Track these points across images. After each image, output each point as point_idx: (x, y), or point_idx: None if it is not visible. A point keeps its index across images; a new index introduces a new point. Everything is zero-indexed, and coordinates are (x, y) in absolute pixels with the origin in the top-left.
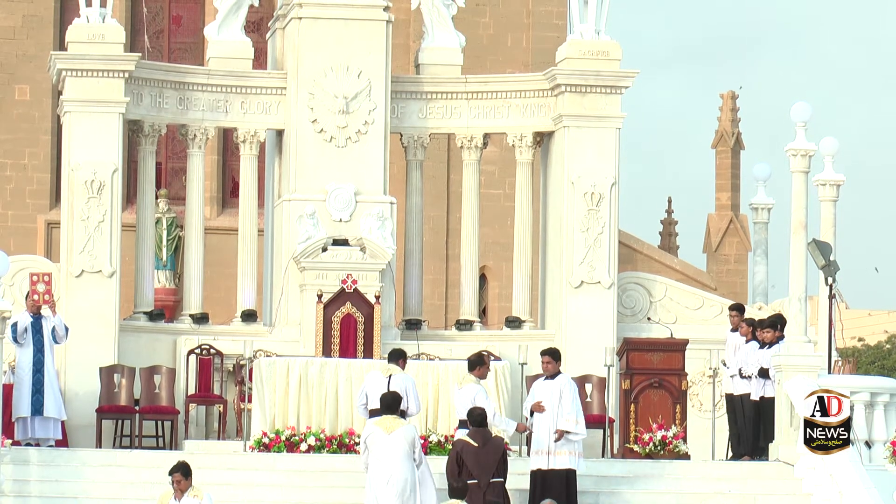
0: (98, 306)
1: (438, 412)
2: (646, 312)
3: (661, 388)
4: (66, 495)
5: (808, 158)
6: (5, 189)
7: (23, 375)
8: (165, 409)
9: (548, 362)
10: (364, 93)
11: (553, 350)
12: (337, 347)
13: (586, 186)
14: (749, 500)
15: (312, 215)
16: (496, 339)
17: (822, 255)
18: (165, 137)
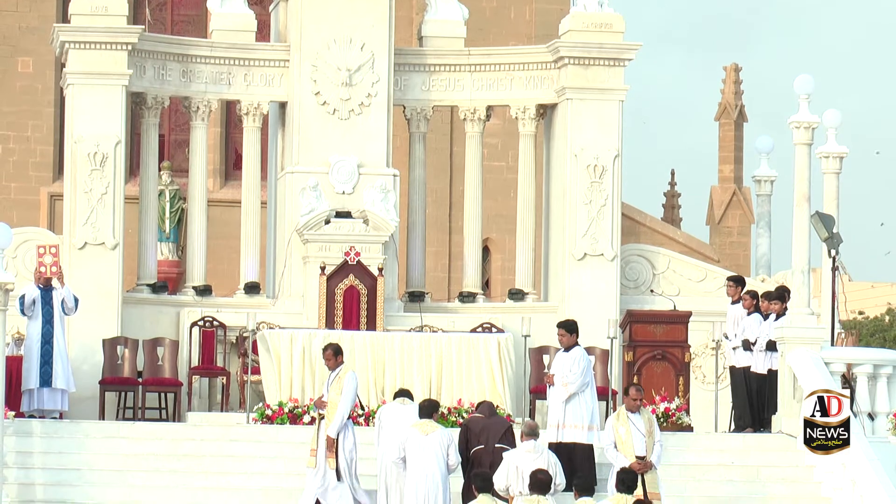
0: (101, 279)
1: (442, 384)
2: (649, 285)
3: (664, 361)
4: (69, 467)
5: (811, 131)
6: (8, 161)
7: (32, 347)
8: (168, 381)
9: (562, 335)
10: (367, 65)
11: (567, 322)
12: (340, 320)
13: (589, 159)
14: (752, 472)
15: (315, 188)
16: (499, 311)
17: (825, 227)
18: (168, 110)
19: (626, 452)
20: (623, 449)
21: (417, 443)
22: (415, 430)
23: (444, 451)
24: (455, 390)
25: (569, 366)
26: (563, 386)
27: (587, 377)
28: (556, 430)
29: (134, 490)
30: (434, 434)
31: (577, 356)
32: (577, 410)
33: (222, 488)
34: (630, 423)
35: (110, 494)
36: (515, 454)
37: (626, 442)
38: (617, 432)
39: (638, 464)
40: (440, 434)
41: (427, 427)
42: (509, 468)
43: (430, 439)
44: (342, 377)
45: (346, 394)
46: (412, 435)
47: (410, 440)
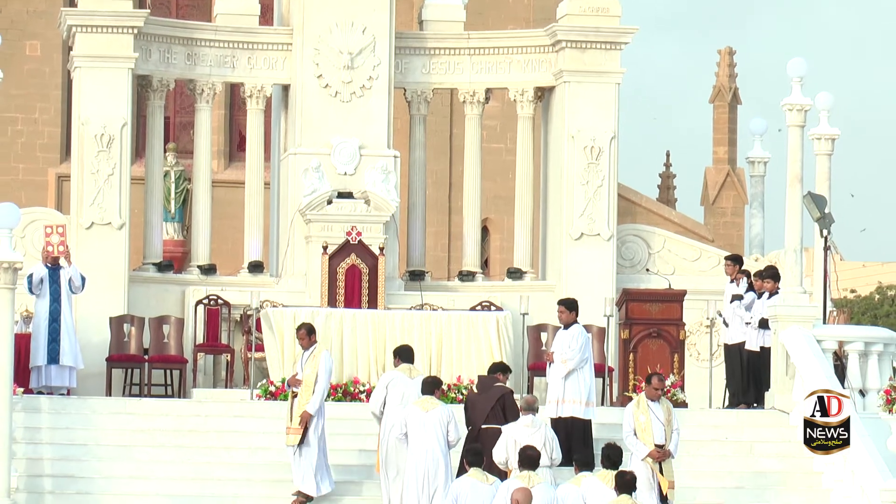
0: (108, 258)
1: (442, 361)
2: (644, 264)
3: (660, 338)
4: (77, 442)
5: (803, 113)
6: (16, 143)
7: (40, 325)
8: (174, 358)
9: (561, 312)
10: (368, 49)
11: (567, 300)
12: (342, 298)
13: (586, 140)
14: (745, 448)
15: (318, 169)
16: (497, 289)
17: (817, 207)
18: (174, 92)
19: (645, 440)
20: (643, 437)
21: (418, 419)
22: (416, 408)
23: (445, 427)
24: (455, 367)
25: (568, 342)
26: (562, 362)
27: (585, 353)
28: (556, 406)
29: (140, 464)
30: (434, 411)
31: (575, 333)
32: (575, 386)
33: (226, 463)
34: (650, 412)
35: (117, 469)
36: (514, 428)
37: (646, 430)
38: (637, 420)
39: (657, 452)
40: (440, 411)
41: (428, 404)
42: (508, 442)
43: (430, 416)
44: (317, 356)
45: (323, 371)
46: (413, 412)
47: (411, 417)
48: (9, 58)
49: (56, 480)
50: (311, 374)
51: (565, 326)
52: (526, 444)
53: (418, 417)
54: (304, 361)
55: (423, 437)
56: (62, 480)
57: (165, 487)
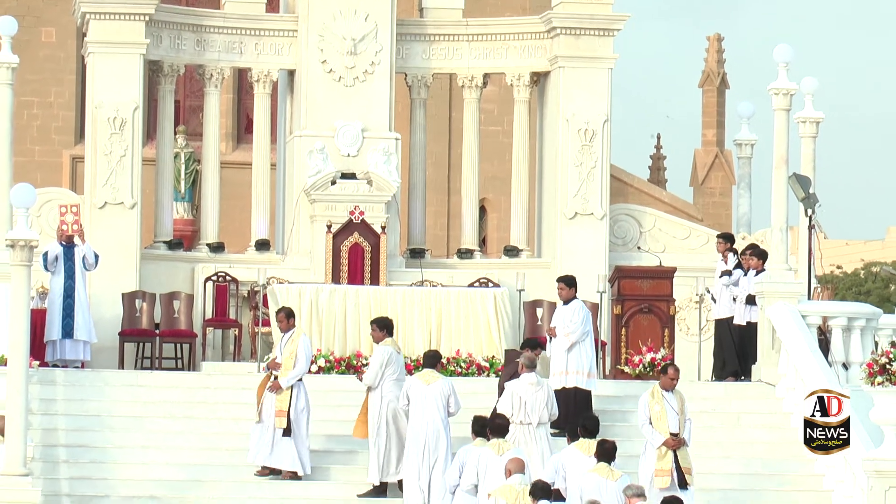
0: (120, 236)
1: (441, 335)
2: (636, 242)
3: (651, 314)
4: (90, 413)
5: (789, 97)
6: (32, 126)
7: (55, 300)
8: (184, 332)
9: (561, 289)
10: (371, 35)
11: (566, 277)
12: (345, 275)
13: (580, 123)
14: (733, 419)
15: (322, 150)
16: (495, 266)
17: (802, 188)
18: (183, 77)
19: (660, 429)
20: (658, 426)
21: (419, 392)
22: (417, 380)
23: (445, 399)
24: (454, 341)
25: (569, 317)
26: (564, 336)
27: (587, 326)
28: (560, 378)
29: (151, 435)
30: (435, 384)
31: (576, 307)
32: (577, 359)
33: (234, 433)
34: (665, 402)
35: (129, 439)
36: (517, 385)
37: (661, 419)
38: (652, 410)
39: (672, 440)
40: (441, 383)
41: (429, 377)
42: (513, 399)
43: (431, 389)
44: (295, 339)
45: (303, 353)
46: (415, 384)
47: (413, 389)
48: (25, 44)
49: (70, 450)
50: (290, 358)
51: (565, 302)
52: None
53: (420, 390)
54: (283, 345)
55: (424, 409)
56: (76, 450)
57: (175, 457)
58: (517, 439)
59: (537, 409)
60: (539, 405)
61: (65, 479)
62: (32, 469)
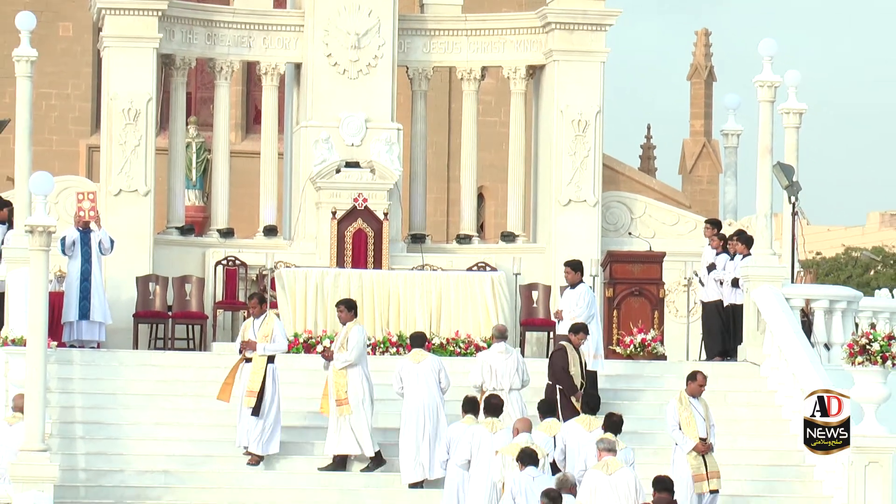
0: (134, 222)
1: (441, 317)
2: (627, 228)
3: (641, 296)
4: (106, 392)
5: (773, 89)
6: (50, 116)
7: (72, 283)
8: (195, 314)
9: (567, 272)
10: (374, 30)
11: (573, 262)
12: (349, 259)
13: (574, 114)
14: (720, 397)
15: (327, 140)
16: (493, 251)
17: (785, 176)
18: (195, 70)
19: (690, 434)
20: (687, 431)
21: (411, 371)
22: (407, 360)
23: (437, 375)
24: (453, 323)
25: (575, 300)
26: (571, 319)
27: (592, 309)
28: None
29: (163, 412)
30: (425, 361)
31: (582, 291)
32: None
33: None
34: (692, 408)
35: (142, 416)
36: (487, 354)
37: (690, 425)
38: (681, 415)
39: (702, 445)
40: (431, 361)
41: (418, 356)
42: (483, 367)
43: (422, 366)
44: (269, 322)
45: (281, 334)
46: (405, 365)
47: (405, 370)
48: (43, 38)
49: (87, 427)
50: (266, 337)
51: (572, 286)
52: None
53: (411, 369)
54: (256, 328)
55: (417, 387)
56: (92, 427)
57: (187, 433)
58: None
59: (507, 375)
60: (509, 372)
61: (81, 454)
62: (50, 445)
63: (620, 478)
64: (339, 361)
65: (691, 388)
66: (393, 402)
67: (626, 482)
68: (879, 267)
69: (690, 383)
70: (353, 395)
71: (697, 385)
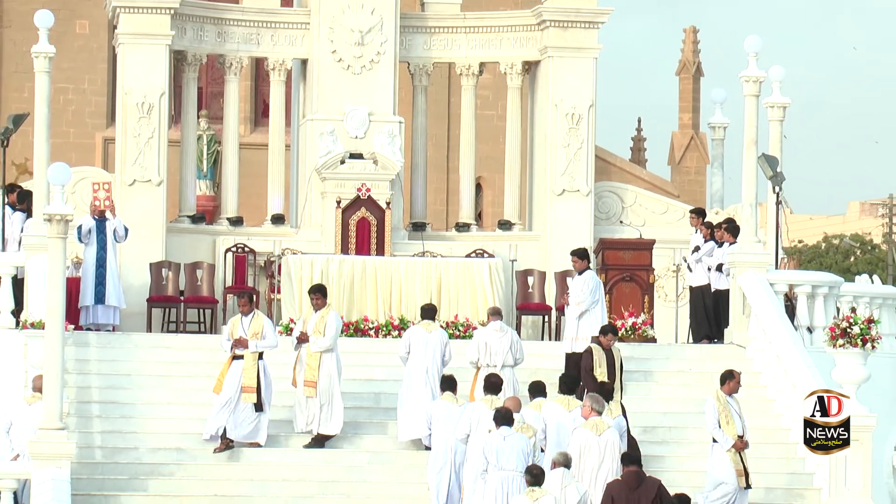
0: (148, 211)
1: (441, 301)
2: (619, 216)
3: (632, 282)
4: (121, 373)
5: (758, 84)
6: (67, 110)
7: (88, 269)
8: (206, 298)
9: (575, 261)
10: (377, 27)
11: (579, 250)
12: (353, 246)
13: (567, 108)
14: (707, 378)
15: (332, 133)
16: (490, 239)
17: (770, 167)
18: (206, 66)
19: (729, 433)
20: (727, 429)
21: (422, 338)
22: (419, 329)
23: (443, 347)
24: (452, 307)
25: (580, 287)
26: (576, 305)
27: (595, 296)
28: (571, 342)
29: (176, 392)
30: (435, 332)
31: (587, 279)
32: (587, 325)
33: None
34: (730, 406)
35: (155, 396)
36: (483, 331)
37: (729, 423)
38: (720, 414)
39: (740, 442)
40: (440, 333)
41: (429, 326)
42: (479, 344)
43: (432, 336)
44: (259, 320)
45: (271, 332)
46: (416, 332)
47: (414, 337)
48: (61, 35)
49: (102, 406)
50: (256, 335)
51: (579, 273)
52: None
53: (422, 336)
54: (246, 326)
55: (425, 353)
56: (108, 406)
57: (198, 412)
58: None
59: (501, 352)
60: (503, 349)
61: (97, 432)
62: (68, 423)
63: (609, 438)
64: (315, 346)
65: (729, 386)
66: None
67: (612, 443)
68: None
69: (729, 382)
70: (323, 377)
71: (735, 383)
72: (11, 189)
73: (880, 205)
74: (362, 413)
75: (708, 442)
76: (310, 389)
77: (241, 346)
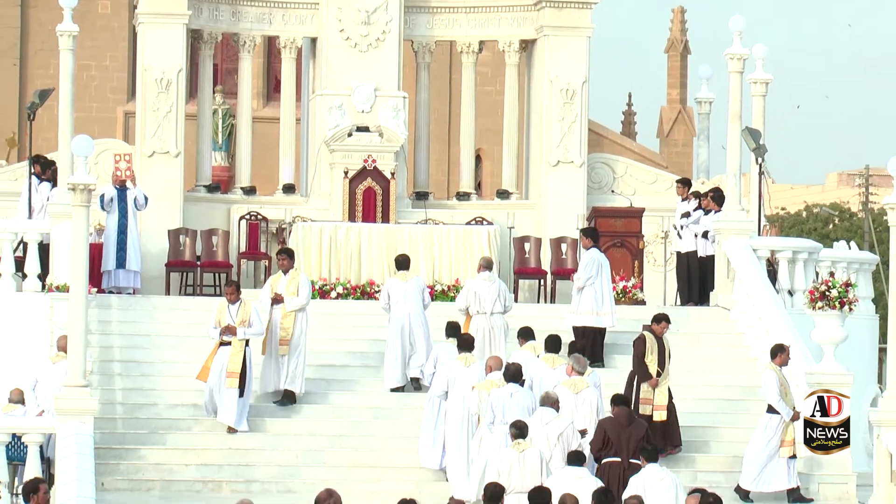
0: (166, 181)
1: (442, 266)
2: (610, 186)
3: (623, 248)
4: (141, 333)
5: (742, 61)
6: (90, 86)
7: (110, 236)
8: (221, 263)
9: (581, 239)
10: (382, 7)
11: (587, 229)
12: (360, 214)
13: (562, 84)
14: (694, 338)
15: (340, 107)
16: (489, 207)
17: (753, 139)
18: (221, 44)
19: (788, 403)
20: (786, 399)
21: (399, 288)
22: (395, 280)
23: (421, 293)
24: (453, 271)
25: (581, 264)
26: (576, 279)
27: (589, 273)
28: (573, 316)
29: (193, 352)
30: (411, 280)
31: (587, 257)
32: (586, 300)
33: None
34: (784, 378)
35: (174, 355)
36: (474, 282)
37: (788, 395)
38: (781, 385)
39: (797, 413)
40: (416, 280)
41: (405, 276)
42: (468, 293)
43: (409, 284)
44: (247, 307)
45: (258, 319)
46: (393, 283)
47: (392, 288)
48: (84, 15)
49: (124, 365)
50: (243, 322)
51: (586, 250)
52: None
53: (399, 286)
54: (233, 314)
55: (405, 301)
56: (129, 365)
57: None
58: (478, 327)
59: (490, 300)
60: (491, 297)
61: (119, 389)
62: (91, 381)
63: (585, 396)
64: (290, 305)
65: (781, 358)
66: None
67: (589, 401)
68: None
69: (780, 355)
70: (297, 335)
71: (786, 356)
72: (37, 160)
73: (857, 175)
74: (369, 371)
75: (693, 398)
76: (284, 348)
77: (229, 333)
